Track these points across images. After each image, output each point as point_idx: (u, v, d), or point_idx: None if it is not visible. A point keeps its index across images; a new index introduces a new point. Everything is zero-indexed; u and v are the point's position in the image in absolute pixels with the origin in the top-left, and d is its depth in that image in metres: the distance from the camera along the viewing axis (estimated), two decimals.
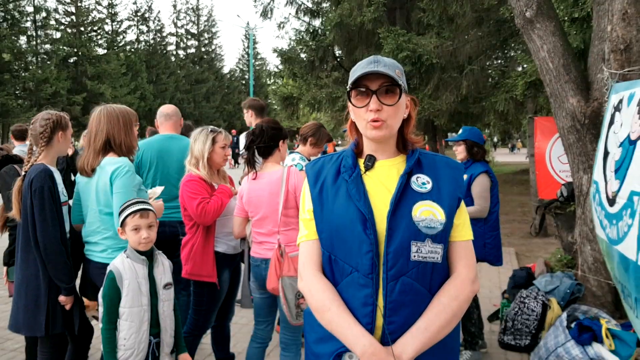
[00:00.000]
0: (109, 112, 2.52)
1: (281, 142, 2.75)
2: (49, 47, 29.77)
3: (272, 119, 2.86)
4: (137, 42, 39.27)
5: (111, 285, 2.17)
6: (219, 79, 45.77)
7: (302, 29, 13.48)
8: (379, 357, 1.28)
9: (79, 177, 2.57)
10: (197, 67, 43.48)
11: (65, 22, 32.21)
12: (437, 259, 1.37)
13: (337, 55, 12.66)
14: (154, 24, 40.75)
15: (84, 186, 2.54)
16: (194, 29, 44.67)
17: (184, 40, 44.20)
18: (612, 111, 2.72)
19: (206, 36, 45.38)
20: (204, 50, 45.02)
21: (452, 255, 1.43)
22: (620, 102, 2.59)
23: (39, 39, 29.18)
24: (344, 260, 1.39)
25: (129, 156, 2.54)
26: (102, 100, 27.95)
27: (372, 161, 1.45)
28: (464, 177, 2.97)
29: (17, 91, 26.42)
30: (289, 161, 3.70)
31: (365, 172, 1.44)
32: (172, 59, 42.44)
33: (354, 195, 1.39)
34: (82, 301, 2.56)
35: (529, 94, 7.39)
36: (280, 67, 14.16)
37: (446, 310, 1.34)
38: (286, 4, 13.43)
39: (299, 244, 1.52)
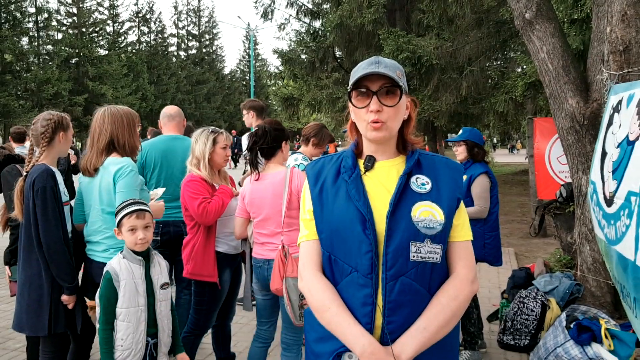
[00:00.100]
0: (113, 113, 2.53)
1: (284, 143, 2.76)
2: (50, 47, 29.81)
3: (274, 120, 2.86)
4: (138, 43, 39.34)
5: (108, 285, 2.17)
6: (219, 80, 45.82)
7: (303, 30, 13.52)
8: (378, 357, 1.29)
9: (82, 177, 2.58)
10: (198, 68, 43.53)
11: (67, 23, 32.29)
12: (437, 259, 1.37)
13: (338, 56, 12.68)
14: (155, 25, 40.85)
15: (86, 186, 2.55)
16: (195, 30, 44.76)
17: (185, 41, 44.29)
18: (611, 112, 2.72)
19: (207, 37, 45.44)
20: (205, 51, 45.07)
21: (451, 255, 1.43)
22: (619, 103, 2.60)
23: (40, 40, 29.21)
24: (344, 260, 1.39)
25: (132, 156, 2.55)
26: (104, 101, 27.99)
27: (371, 162, 1.45)
28: (463, 178, 2.98)
29: (19, 92, 26.44)
30: (291, 161, 3.69)
31: (365, 173, 1.45)
32: (173, 60, 42.50)
33: (354, 195, 1.39)
34: (84, 301, 2.57)
35: (529, 94, 7.41)
36: (280, 68, 14.19)
37: (445, 310, 1.35)
38: (287, 6, 13.47)
39: (299, 243, 1.53)
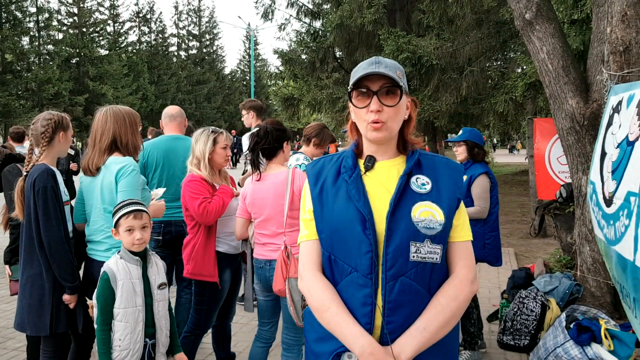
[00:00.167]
0: (116, 113, 2.54)
1: (285, 144, 2.76)
2: (51, 47, 29.80)
3: (276, 120, 2.86)
4: (138, 43, 39.35)
5: (105, 286, 2.17)
6: (220, 80, 45.82)
7: (303, 31, 13.53)
8: (377, 357, 1.29)
9: (83, 177, 2.58)
10: (198, 68, 43.53)
11: (67, 23, 32.29)
12: (436, 259, 1.37)
13: (338, 56, 12.69)
14: (156, 25, 40.86)
15: (87, 185, 2.56)
16: (196, 30, 44.76)
17: (186, 41, 44.28)
18: (611, 112, 2.73)
19: (207, 37, 45.43)
20: (205, 51, 45.08)
21: (451, 255, 1.43)
22: (619, 103, 2.61)
23: (41, 40, 29.22)
24: (344, 260, 1.40)
25: (134, 156, 2.56)
26: (104, 101, 27.99)
27: (372, 162, 1.46)
28: (463, 178, 2.99)
29: (20, 91, 26.43)
30: (293, 161, 3.68)
31: (365, 173, 1.45)
32: (174, 60, 42.50)
33: (354, 195, 1.40)
34: (85, 300, 2.58)
35: (529, 95, 7.42)
36: (281, 68, 14.20)
37: (445, 310, 1.35)
38: (287, 6, 13.48)
39: (299, 243, 1.53)
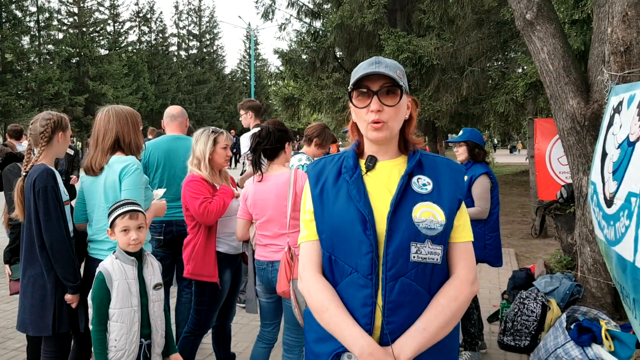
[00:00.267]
0: (118, 112, 2.54)
1: (287, 144, 2.75)
2: (51, 47, 29.79)
3: (277, 121, 2.85)
4: (139, 43, 39.35)
5: (101, 286, 2.17)
6: (220, 79, 45.83)
7: (303, 31, 13.54)
8: (376, 357, 1.29)
9: (84, 177, 2.58)
10: (198, 68, 43.54)
11: (67, 23, 32.27)
12: (437, 260, 1.37)
13: (338, 56, 12.69)
14: (156, 24, 40.86)
15: (89, 185, 2.55)
16: (196, 30, 44.76)
17: (186, 41, 44.28)
18: (612, 113, 2.72)
19: (208, 37, 45.44)
20: (205, 51, 45.08)
21: (451, 256, 1.43)
22: (620, 104, 2.60)
23: (41, 39, 29.21)
24: (344, 260, 1.39)
25: (136, 155, 2.56)
26: (104, 100, 27.98)
27: (373, 162, 1.45)
28: (464, 179, 2.98)
29: (20, 91, 26.42)
30: (295, 162, 3.67)
31: (366, 173, 1.45)
32: (174, 60, 42.51)
33: (355, 196, 1.39)
34: (86, 300, 2.57)
35: (529, 95, 7.41)
36: (281, 68, 14.20)
37: (445, 311, 1.34)
38: (287, 6, 13.49)
39: (299, 244, 1.53)
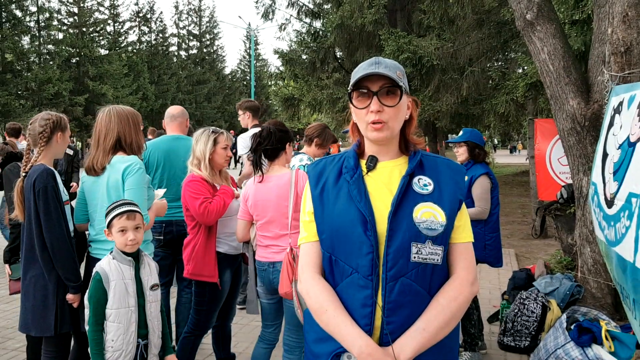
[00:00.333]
0: (119, 112, 2.54)
1: (287, 145, 2.74)
2: (51, 47, 29.77)
3: (278, 121, 2.85)
4: (139, 43, 39.34)
5: (97, 286, 2.16)
6: (220, 79, 45.83)
7: (304, 31, 13.54)
8: (375, 358, 1.29)
9: (85, 177, 2.57)
10: (198, 68, 43.54)
11: (67, 23, 32.26)
12: (437, 260, 1.37)
13: (338, 56, 12.70)
14: (156, 24, 40.84)
15: (90, 185, 2.54)
16: (196, 30, 44.76)
17: (186, 41, 44.28)
18: (612, 113, 2.72)
19: (208, 37, 45.44)
20: (205, 51, 45.08)
21: (452, 257, 1.43)
22: (620, 104, 2.60)
23: (41, 39, 29.20)
24: (345, 261, 1.39)
25: (138, 155, 2.57)
26: (104, 101, 27.95)
27: (374, 162, 1.45)
28: (465, 179, 2.98)
29: (20, 91, 26.40)
30: (296, 162, 3.67)
31: (367, 173, 1.45)
32: (174, 60, 42.50)
33: (355, 196, 1.39)
34: None
35: (530, 95, 7.41)
36: (281, 68, 14.21)
37: (445, 311, 1.34)
38: (287, 6, 13.49)
39: (299, 245, 1.53)
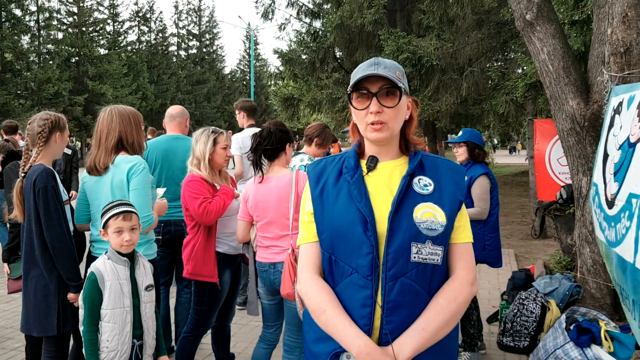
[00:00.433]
0: (120, 112, 2.55)
1: (287, 145, 2.74)
2: (51, 47, 29.74)
3: (279, 122, 2.84)
4: (138, 43, 39.31)
5: (92, 286, 2.16)
6: (220, 79, 45.81)
7: (303, 31, 13.54)
8: (374, 357, 1.29)
9: (86, 177, 2.57)
10: (198, 68, 43.52)
11: (67, 23, 32.23)
12: (437, 260, 1.37)
13: (338, 56, 12.70)
14: (156, 24, 40.81)
15: (92, 185, 2.54)
16: (196, 30, 44.74)
17: (186, 40, 44.25)
18: (612, 114, 2.72)
19: (207, 37, 45.42)
20: (205, 51, 45.07)
21: (451, 257, 1.43)
22: (620, 104, 2.60)
23: (41, 39, 29.17)
24: (345, 261, 1.39)
25: (139, 154, 2.57)
26: (104, 100, 27.93)
27: (374, 162, 1.45)
28: (465, 180, 2.99)
29: (19, 91, 26.38)
30: (297, 162, 3.66)
31: (367, 173, 1.45)
32: (174, 60, 42.46)
33: (355, 196, 1.39)
34: None
35: (529, 96, 7.41)
36: (281, 68, 14.20)
37: (444, 311, 1.35)
38: (287, 6, 13.49)
39: (299, 245, 1.53)
